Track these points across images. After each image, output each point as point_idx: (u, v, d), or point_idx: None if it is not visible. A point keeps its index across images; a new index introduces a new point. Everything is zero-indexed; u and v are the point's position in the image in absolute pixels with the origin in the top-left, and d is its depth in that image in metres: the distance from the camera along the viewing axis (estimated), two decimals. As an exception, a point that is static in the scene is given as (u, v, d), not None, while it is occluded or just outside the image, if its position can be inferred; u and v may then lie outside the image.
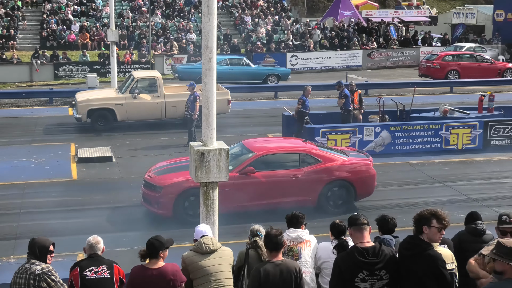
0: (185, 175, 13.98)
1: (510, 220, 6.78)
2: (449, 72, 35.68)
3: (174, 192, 13.81)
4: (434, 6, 67.52)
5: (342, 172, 14.62)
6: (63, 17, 41.76)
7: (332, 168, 14.58)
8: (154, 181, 14.19)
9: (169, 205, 13.80)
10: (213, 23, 8.20)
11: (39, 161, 18.90)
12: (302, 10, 61.51)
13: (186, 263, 7.40)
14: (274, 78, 33.76)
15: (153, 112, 22.90)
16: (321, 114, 21.81)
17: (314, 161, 14.56)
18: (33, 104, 28.21)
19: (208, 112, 8.33)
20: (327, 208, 14.42)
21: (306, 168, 14.44)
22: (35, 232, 12.57)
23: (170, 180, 14.03)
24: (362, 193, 14.90)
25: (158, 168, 14.97)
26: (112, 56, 27.93)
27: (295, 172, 14.36)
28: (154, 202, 14.03)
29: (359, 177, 14.76)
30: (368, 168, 14.97)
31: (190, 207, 13.84)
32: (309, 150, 14.82)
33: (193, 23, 42.74)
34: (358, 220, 6.54)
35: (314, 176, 14.40)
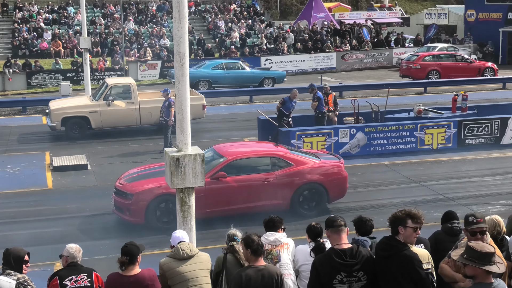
0: (156, 181, 13.95)
1: (477, 220, 6.77)
2: (430, 72, 36.05)
3: (145, 199, 13.70)
4: (406, 7, 68.10)
5: (314, 175, 14.63)
6: (35, 25, 41.43)
7: (303, 171, 14.58)
8: (125, 188, 14.08)
9: (141, 212, 13.69)
10: (184, 28, 8.19)
11: (13, 171, 18.72)
12: (275, 13, 61.66)
13: (163, 269, 7.36)
14: (270, 81, 33.91)
15: (128, 119, 22.80)
16: (296, 117, 21.84)
17: (285, 165, 14.55)
18: (6, 114, 27.92)
19: (182, 118, 8.31)
20: (300, 211, 14.42)
21: (277, 171, 14.43)
22: (11, 242, 12.36)
23: (141, 187, 13.92)
24: (334, 196, 14.92)
25: (129, 175, 14.85)
26: (85, 64, 27.78)
27: (267, 176, 14.34)
28: (125, 210, 13.91)
29: (331, 179, 14.78)
30: (339, 170, 15.00)
31: (162, 214, 13.78)
32: (281, 153, 14.82)
33: (166, 29, 42.63)
34: (335, 221, 6.55)
35: (286, 179, 14.39)
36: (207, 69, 33.48)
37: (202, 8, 47.23)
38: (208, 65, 33.92)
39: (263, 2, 58.05)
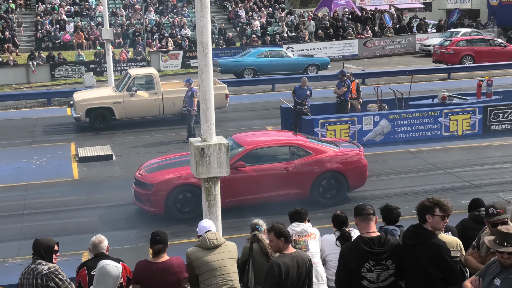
0: (176, 172, 14.01)
1: (497, 211, 6.72)
2: (464, 57, 35.82)
3: (165, 189, 13.75)
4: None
5: (333, 163, 14.56)
6: (57, 18, 41.69)
7: (323, 159, 14.52)
8: (145, 178, 14.13)
9: (160, 202, 13.75)
10: (207, 18, 8.20)
11: (40, 162, 18.91)
12: (295, 1, 61.40)
13: (191, 258, 7.42)
14: (314, 68, 33.94)
15: (151, 109, 22.89)
16: (319, 105, 21.79)
17: (304, 154, 14.50)
18: (31, 106, 28.20)
19: (207, 108, 8.34)
20: (319, 200, 14.37)
21: (296, 160, 14.38)
22: (39, 232, 12.62)
23: (161, 177, 13.96)
24: (354, 184, 14.83)
25: (149, 165, 14.90)
26: (108, 55, 27.90)
27: (286, 165, 14.31)
28: (145, 200, 13.97)
29: (350, 168, 14.69)
30: (359, 158, 14.90)
31: (181, 204, 13.84)
32: (299, 142, 14.76)
33: (187, 19, 42.68)
34: (364, 210, 6.53)
35: (305, 168, 14.34)
36: (252, 57, 33.62)
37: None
38: (253, 53, 34.06)
39: (283, -10, 57.81)
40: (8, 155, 19.76)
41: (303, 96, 20.03)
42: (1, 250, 12.66)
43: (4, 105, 28.22)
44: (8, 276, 11.00)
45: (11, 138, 22.06)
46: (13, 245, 12.84)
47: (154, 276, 7.13)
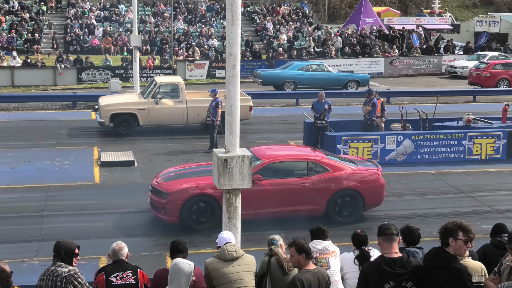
0: (193, 181, 14.03)
1: None
2: (500, 81, 35.72)
3: (180, 198, 13.75)
4: (456, 14, 67.17)
5: (351, 181, 14.48)
6: (87, 22, 42.14)
7: (340, 177, 14.45)
8: (161, 187, 14.14)
9: (175, 211, 13.74)
10: (237, 30, 8.23)
11: (62, 164, 19.06)
12: (323, 16, 61.47)
13: (209, 269, 7.42)
14: (354, 84, 34.01)
15: (175, 118, 22.99)
16: (342, 122, 21.76)
17: (322, 170, 14.43)
18: (56, 108, 28.46)
19: (232, 119, 8.35)
20: (335, 217, 14.27)
21: (314, 176, 14.32)
22: (58, 234, 12.70)
23: (177, 186, 13.97)
24: (370, 203, 14.73)
25: (166, 174, 14.93)
26: (135, 61, 28.10)
27: (303, 181, 14.24)
28: (160, 208, 13.98)
29: (367, 186, 14.60)
30: (377, 177, 14.81)
31: (196, 214, 13.84)
32: (318, 158, 14.71)
33: (215, 29, 42.91)
34: (388, 229, 6.50)
35: (322, 185, 14.28)
36: (293, 70, 33.81)
37: (251, 10, 47.39)
38: (294, 66, 34.24)
39: (311, 5, 57.94)
40: (31, 155, 19.94)
41: (321, 110, 20.03)
42: (20, 250, 12.75)
43: (30, 106, 28.52)
44: (25, 276, 11.04)
45: (35, 139, 22.27)
46: (32, 246, 12.93)
47: (172, 285, 7.13)
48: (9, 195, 16.24)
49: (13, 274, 7.11)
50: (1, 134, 23.01)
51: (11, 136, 22.71)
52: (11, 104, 28.65)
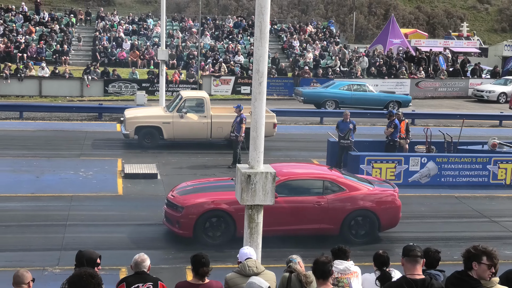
0: (208, 196, 14.05)
1: None
2: None
3: (195, 212, 13.75)
4: (484, 38, 66.85)
5: (366, 201, 14.38)
6: (115, 35, 42.61)
7: (356, 197, 14.37)
8: (177, 200, 14.16)
9: (189, 225, 13.74)
10: (265, 47, 8.30)
11: (86, 175, 19.22)
12: (350, 36, 61.52)
13: (229, 284, 7.44)
14: (395, 104, 33.95)
15: (199, 132, 23.11)
16: (366, 142, 21.70)
17: (338, 189, 14.36)
18: (82, 119, 28.75)
19: (257, 135, 8.40)
20: (349, 237, 14.14)
21: (329, 195, 14.26)
22: (80, 244, 12.78)
23: (192, 201, 13.98)
24: (386, 224, 14.60)
25: (183, 187, 14.96)
26: (161, 75, 28.34)
27: (318, 199, 14.18)
28: (175, 222, 13.98)
29: (383, 207, 14.48)
30: (393, 199, 14.69)
31: (210, 229, 13.84)
32: (334, 177, 14.64)
33: (241, 46, 43.13)
34: (412, 251, 6.47)
35: (338, 204, 14.21)
36: (335, 89, 33.99)
37: (278, 28, 47.60)
38: (336, 85, 34.42)
39: (339, 24, 58.05)
40: (56, 165, 20.14)
41: (346, 130, 20.01)
42: (42, 258, 12.85)
43: (56, 116, 28.85)
44: (47, 285, 11.15)
45: (60, 149, 22.50)
46: (53, 255, 13.02)
47: (192, 298, 7.16)
48: (33, 203, 16.40)
49: (35, 282, 7.19)
50: (27, 143, 23.29)
51: (37, 145, 22.97)
52: (38, 114, 29.01)
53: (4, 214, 15.40)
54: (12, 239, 13.83)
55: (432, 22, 69.01)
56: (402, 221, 15.97)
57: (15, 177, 18.68)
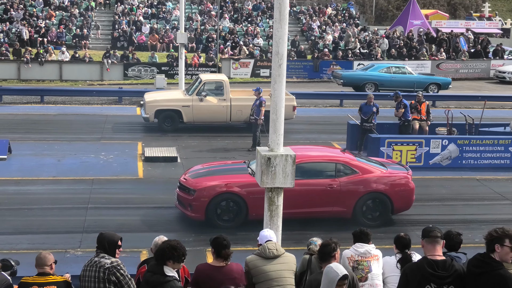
0: (220, 179, 14.07)
1: None
2: None
3: (207, 195, 13.77)
4: (506, 18, 65.98)
5: (379, 184, 14.30)
6: (134, 19, 42.64)
7: (369, 179, 14.28)
8: (189, 183, 14.16)
9: (201, 208, 13.76)
10: (284, 29, 8.25)
11: (107, 158, 19.34)
12: (370, 18, 61.00)
13: (249, 266, 7.46)
14: (435, 87, 33.86)
15: (219, 115, 23.11)
16: (387, 124, 21.58)
17: (350, 172, 14.28)
18: (103, 102, 28.88)
19: (276, 118, 8.38)
20: (362, 220, 14.07)
21: (342, 178, 14.19)
22: (101, 227, 12.90)
23: (204, 184, 13.99)
24: (399, 207, 14.51)
25: (195, 170, 14.98)
26: (181, 58, 28.34)
27: (331, 182, 14.11)
28: (187, 205, 14.02)
29: (396, 190, 14.38)
30: (407, 181, 14.57)
31: (222, 212, 13.87)
32: (347, 160, 14.53)
33: (261, 28, 42.97)
34: (431, 232, 6.46)
35: (350, 187, 14.14)
36: (375, 72, 33.94)
37: (297, 10, 47.33)
38: (376, 67, 34.38)
39: (358, 6, 57.59)
40: (77, 149, 20.28)
41: (369, 113, 19.90)
42: (64, 241, 12.99)
43: (77, 100, 29.01)
44: (69, 267, 11.23)
45: (81, 132, 22.63)
46: (75, 237, 13.16)
47: (213, 280, 7.19)
48: (55, 186, 16.56)
49: (57, 264, 7.27)
50: (48, 127, 23.47)
51: (58, 129, 23.14)
52: (59, 98, 29.16)
53: (27, 197, 15.57)
54: (35, 222, 13.99)
55: (453, 3, 68.19)
56: (423, 204, 15.98)
57: (37, 160, 18.85)
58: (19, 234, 13.25)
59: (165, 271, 6.58)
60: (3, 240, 12.90)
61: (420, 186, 17.64)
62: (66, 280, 7.02)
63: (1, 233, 13.29)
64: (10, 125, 23.48)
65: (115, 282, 7.02)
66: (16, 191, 16.08)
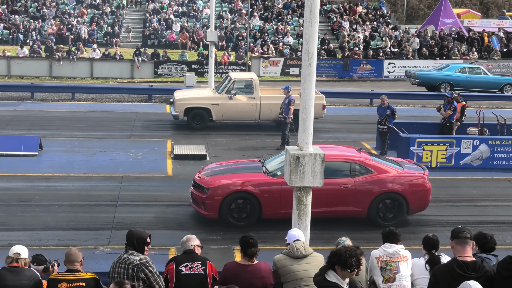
0: (235, 178, 14.05)
1: None
2: None
3: (220, 194, 13.74)
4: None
5: (395, 184, 14.13)
6: (165, 17, 42.86)
7: (384, 179, 14.13)
8: (203, 182, 14.13)
9: (215, 207, 13.73)
10: (315, 28, 8.21)
11: (136, 156, 19.45)
12: (401, 17, 60.50)
13: (277, 266, 7.44)
14: (510, 87, 33.60)
15: (248, 114, 23.11)
16: (417, 124, 21.40)
17: (366, 172, 14.16)
18: (133, 100, 29.07)
19: (306, 117, 8.35)
20: (377, 220, 14.00)
21: (357, 178, 14.07)
22: (130, 224, 13.00)
23: (218, 182, 13.96)
24: (415, 208, 14.33)
25: (209, 169, 14.96)
26: (211, 57, 28.40)
27: (345, 182, 14.00)
28: (201, 203, 14.00)
29: (412, 190, 14.21)
30: (423, 181, 14.38)
31: (236, 211, 13.83)
32: (362, 160, 14.41)
33: (291, 27, 42.88)
34: (461, 233, 6.39)
35: (365, 186, 14.02)
36: (450, 72, 33.82)
37: (328, 8, 47.13)
38: (451, 68, 34.29)
39: (389, 4, 57.17)
40: (107, 146, 20.44)
41: (383, 115, 19.58)
42: (93, 237, 13.10)
43: (107, 98, 29.24)
44: (98, 263, 11.36)
45: (111, 130, 22.81)
46: (104, 234, 13.26)
47: (241, 278, 7.19)
48: (85, 183, 16.71)
49: (85, 260, 7.33)
50: (79, 124, 23.68)
51: (89, 126, 23.33)
52: (90, 95, 29.43)
53: (57, 193, 15.74)
54: (65, 218, 14.13)
55: (485, 2, 67.30)
56: (453, 204, 15.84)
57: (68, 157, 19.04)
58: (49, 230, 13.40)
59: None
60: (33, 236, 13.06)
61: (451, 186, 17.54)
62: (94, 277, 7.08)
63: (32, 229, 13.46)
64: (42, 122, 23.76)
65: (144, 279, 7.07)
66: (47, 187, 16.25)
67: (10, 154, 18.73)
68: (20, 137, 20.01)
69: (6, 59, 34.02)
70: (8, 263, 7.14)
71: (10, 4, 43.16)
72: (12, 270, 7.04)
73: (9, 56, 34.25)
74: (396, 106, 21.02)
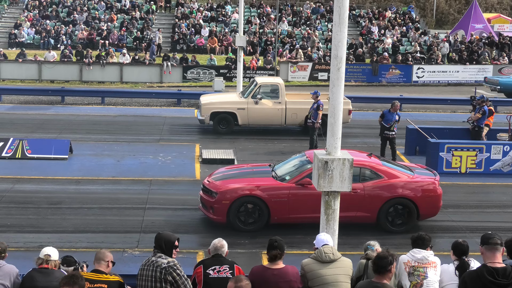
0: (243, 182, 14.02)
1: None
2: None
3: (229, 198, 13.70)
4: None
5: (405, 189, 13.98)
6: (194, 22, 43.09)
7: (394, 185, 13.99)
8: (211, 186, 14.11)
9: (223, 211, 13.69)
10: (344, 33, 8.20)
11: (165, 160, 19.57)
12: (430, 22, 60.03)
13: (305, 270, 7.44)
14: None
15: (273, 118, 23.13)
16: (446, 129, 21.23)
17: (375, 177, 14.03)
18: (162, 104, 29.26)
19: (334, 122, 8.33)
20: (386, 226, 13.89)
21: (367, 183, 13.95)
22: (158, 227, 13.09)
23: (226, 186, 13.94)
24: (425, 213, 14.16)
25: (218, 173, 14.94)
26: (239, 61, 28.48)
27: (355, 187, 13.72)
28: (209, 207, 13.97)
29: (423, 196, 14.03)
30: (434, 187, 14.20)
31: (244, 215, 13.79)
32: (372, 165, 14.28)
33: (319, 32, 42.83)
34: (491, 239, 6.33)
35: (375, 192, 13.88)
36: None
37: (357, 13, 47.01)
38: None
39: (419, 9, 56.78)
40: (136, 150, 20.60)
41: (392, 121, 19.20)
42: (122, 240, 13.20)
43: (137, 102, 29.48)
44: (126, 266, 11.45)
45: (140, 134, 22.98)
46: (133, 237, 13.35)
47: (268, 282, 7.19)
48: (114, 186, 16.86)
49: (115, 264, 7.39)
50: (108, 128, 23.92)
51: (118, 130, 23.55)
52: (119, 99, 29.71)
53: (87, 196, 15.89)
54: (94, 221, 14.26)
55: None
56: (483, 210, 15.67)
57: (97, 160, 19.23)
58: (79, 233, 13.54)
59: None
60: (63, 238, 13.20)
61: (480, 192, 17.37)
62: (119, 281, 7.11)
63: (62, 231, 13.60)
64: (72, 125, 24.04)
65: (172, 282, 7.11)
66: (76, 190, 16.43)
67: (40, 157, 18.99)
68: (51, 141, 20.24)
69: (38, 63, 34.48)
70: (38, 264, 7.24)
71: (41, 10, 43.77)
72: (43, 272, 7.14)
73: (40, 61, 34.71)
74: (425, 111, 20.88)
